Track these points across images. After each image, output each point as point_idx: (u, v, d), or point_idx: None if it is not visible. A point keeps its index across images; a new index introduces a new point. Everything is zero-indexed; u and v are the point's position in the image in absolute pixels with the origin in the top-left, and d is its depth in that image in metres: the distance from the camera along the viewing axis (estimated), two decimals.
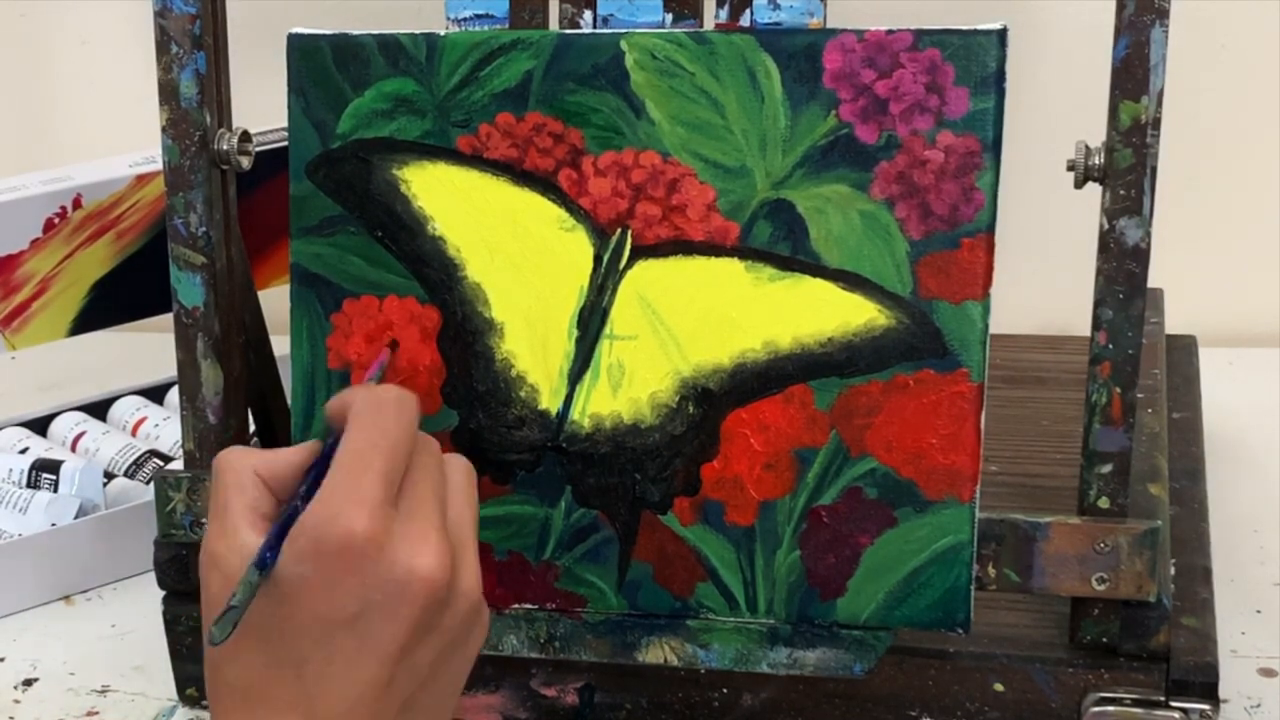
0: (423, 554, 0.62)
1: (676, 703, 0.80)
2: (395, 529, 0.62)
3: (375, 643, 0.62)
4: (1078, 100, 0.95)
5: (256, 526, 0.64)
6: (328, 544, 0.61)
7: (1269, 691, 0.84)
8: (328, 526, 0.61)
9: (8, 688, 0.90)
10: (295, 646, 0.62)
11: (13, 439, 1.08)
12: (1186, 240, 1.24)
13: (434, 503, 0.64)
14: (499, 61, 0.75)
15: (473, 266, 0.76)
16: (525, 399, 0.76)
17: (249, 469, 0.65)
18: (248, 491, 0.65)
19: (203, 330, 0.81)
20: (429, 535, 0.62)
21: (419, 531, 0.62)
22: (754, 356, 0.74)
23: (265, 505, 0.65)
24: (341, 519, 0.61)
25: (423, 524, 0.63)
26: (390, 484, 0.63)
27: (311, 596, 0.61)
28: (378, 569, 0.61)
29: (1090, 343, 0.73)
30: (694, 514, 0.75)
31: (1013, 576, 0.74)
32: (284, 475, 0.65)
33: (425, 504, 0.64)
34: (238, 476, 0.65)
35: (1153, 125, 0.71)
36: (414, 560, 0.62)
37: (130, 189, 1.00)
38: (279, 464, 0.65)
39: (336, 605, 0.61)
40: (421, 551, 0.62)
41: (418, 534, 0.62)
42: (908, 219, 0.72)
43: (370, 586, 0.61)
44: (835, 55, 0.72)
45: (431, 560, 0.62)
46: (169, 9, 0.79)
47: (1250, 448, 1.08)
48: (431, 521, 0.63)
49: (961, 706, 0.77)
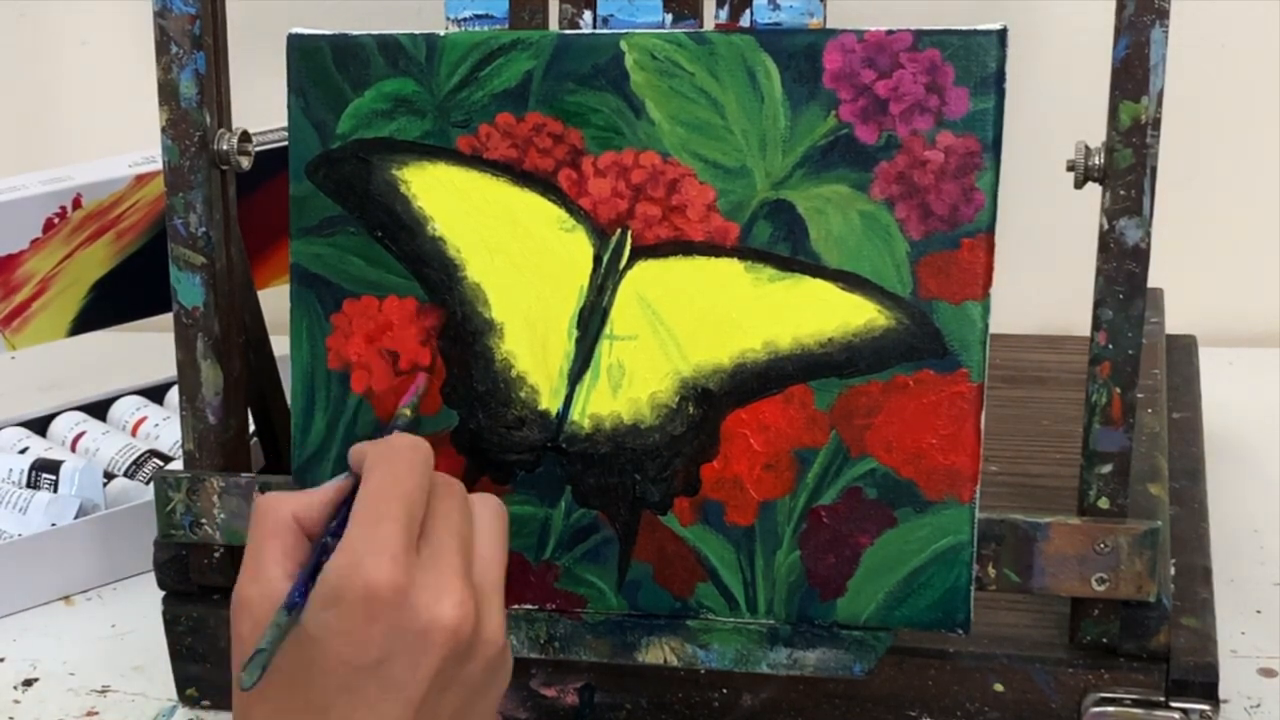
0: (445, 603, 0.63)
1: (676, 703, 0.80)
2: (417, 577, 0.63)
3: (398, 690, 0.62)
4: (1078, 100, 0.95)
5: (289, 572, 0.64)
6: (350, 592, 0.62)
7: (1269, 691, 0.84)
8: (350, 575, 0.62)
9: (8, 688, 0.90)
10: (320, 693, 0.63)
11: (13, 439, 1.08)
12: (1186, 240, 1.24)
13: (456, 547, 0.65)
14: (499, 62, 0.75)
15: (473, 267, 0.76)
16: (525, 399, 0.76)
17: (287, 514, 0.66)
18: (283, 537, 0.65)
19: (203, 330, 0.81)
20: (452, 584, 0.63)
21: (441, 580, 0.63)
22: (754, 357, 0.74)
23: (300, 552, 0.65)
24: (363, 568, 0.62)
25: (445, 572, 0.63)
26: (409, 531, 0.63)
27: (335, 643, 0.62)
28: (400, 617, 0.62)
29: (1090, 343, 0.73)
30: (694, 514, 0.75)
31: (1013, 577, 0.74)
32: (319, 517, 0.66)
33: (447, 549, 0.64)
34: (275, 523, 0.66)
35: (1153, 125, 0.71)
36: (435, 609, 0.62)
37: (130, 189, 1.00)
38: (314, 505, 0.66)
39: (359, 653, 0.62)
40: (443, 600, 0.63)
41: (440, 583, 0.63)
42: (908, 219, 0.72)
43: (393, 635, 0.62)
44: (835, 55, 0.72)
45: (454, 610, 0.63)
46: (169, 9, 0.79)
47: (1250, 448, 1.08)
48: (454, 568, 0.64)
49: (961, 706, 0.77)
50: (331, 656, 0.62)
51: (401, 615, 0.62)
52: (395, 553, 0.62)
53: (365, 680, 0.62)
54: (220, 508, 0.81)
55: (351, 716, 0.62)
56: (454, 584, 0.63)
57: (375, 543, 0.63)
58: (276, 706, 0.63)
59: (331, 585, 0.62)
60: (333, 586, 0.62)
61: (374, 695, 0.62)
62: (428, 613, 0.62)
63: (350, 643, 0.62)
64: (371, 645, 0.62)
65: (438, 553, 0.64)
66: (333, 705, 0.63)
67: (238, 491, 0.81)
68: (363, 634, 0.62)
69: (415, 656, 0.62)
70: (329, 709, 0.63)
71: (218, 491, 0.81)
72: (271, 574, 0.64)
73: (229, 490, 0.81)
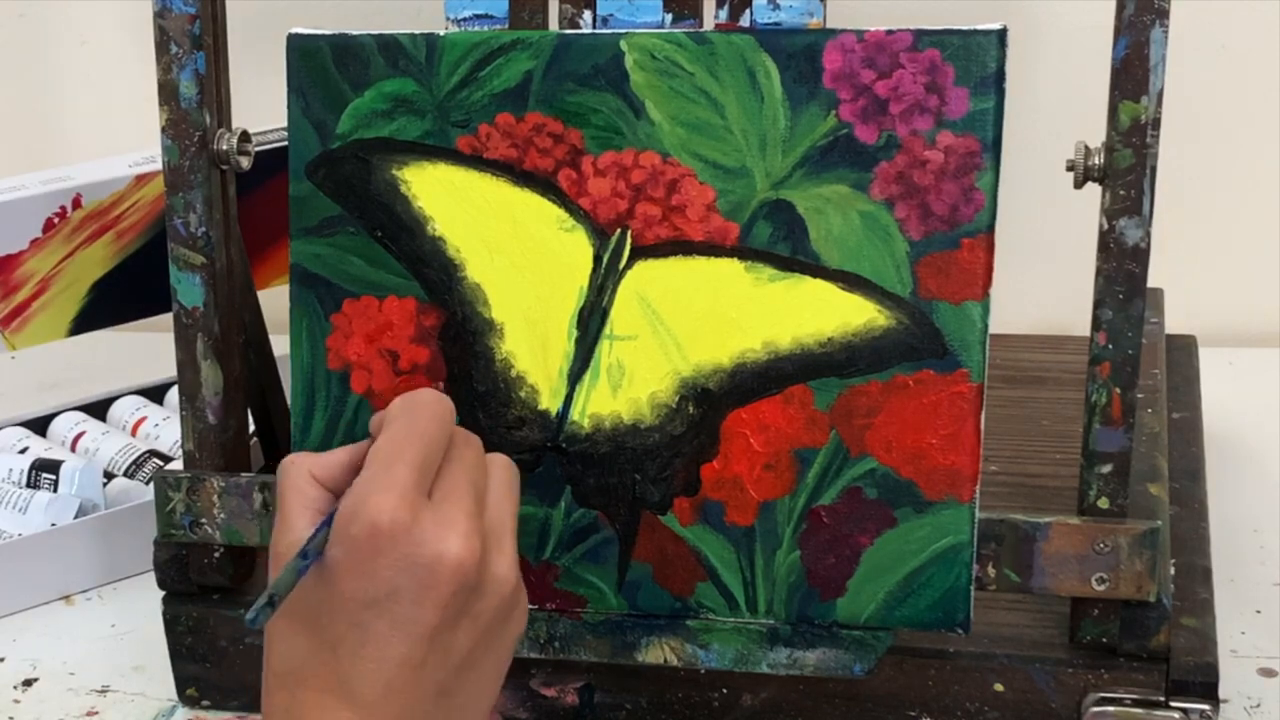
0: (450, 538, 0.64)
1: (676, 703, 0.80)
2: (424, 515, 0.64)
3: (405, 624, 0.64)
4: (1078, 100, 0.95)
5: (312, 522, 0.67)
6: (356, 528, 0.64)
7: (1269, 691, 0.84)
8: (357, 511, 0.64)
9: (8, 688, 0.90)
10: (332, 628, 0.64)
11: (13, 439, 1.08)
12: (1186, 240, 1.24)
13: (468, 491, 0.66)
14: (499, 62, 0.75)
15: (472, 267, 0.76)
16: (525, 399, 0.76)
17: (305, 470, 0.68)
18: (304, 491, 0.67)
19: (203, 330, 0.81)
20: (458, 521, 0.65)
21: (448, 517, 0.65)
22: (754, 357, 0.74)
23: (323, 503, 0.67)
24: (369, 504, 0.64)
25: (452, 510, 0.65)
26: (422, 473, 0.65)
27: (343, 579, 0.64)
28: (405, 552, 0.64)
29: (1090, 343, 0.73)
30: (694, 514, 0.75)
31: (1013, 577, 0.74)
32: (339, 475, 0.68)
33: (458, 492, 0.66)
34: (295, 479, 0.68)
35: (1153, 125, 0.71)
36: (441, 544, 0.64)
37: (130, 189, 1.00)
38: (333, 465, 0.68)
39: (366, 587, 0.64)
40: (448, 536, 0.64)
41: (446, 519, 0.65)
42: (908, 219, 0.72)
43: (398, 569, 0.64)
44: (835, 55, 0.72)
45: (460, 543, 0.64)
46: (169, 9, 0.79)
47: (1250, 448, 1.08)
48: (462, 508, 0.65)
49: (961, 706, 0.77)
50: (341, 592, 0.64)
51: (407, 549, 0.64)
52: (404, 490, 0.64)
53: (374, 615, 0.64)
54: (220, 508, 0.81)
55: (362, 652, 0.64)
56: (460, 521, 0.65)
57: (384, 481, 0.64)
58: (295, 644, 0.65)
59: (340, 523, 0.64)
60: (341, 523, 0.64)
61: (383, 630, 0.64)
62: (433, 547, 0.64)
63: (357, 577, 0.64)
64: (378, 579, 0.64)
65: (448, 495, 0.65)
66: (343, 640, 0.64)
67: (237, 491, 0.81)
68: (368, 568, 0.64)
69: (422, 590, 0.64)
70: (339, 643, 0.64)
71: (218, 491, 0.81)
72: (296, 524, 0.67)
73: (229, 490, 0.81)
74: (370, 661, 0.64)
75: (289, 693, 0.65)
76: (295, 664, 0.65)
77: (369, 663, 0.64)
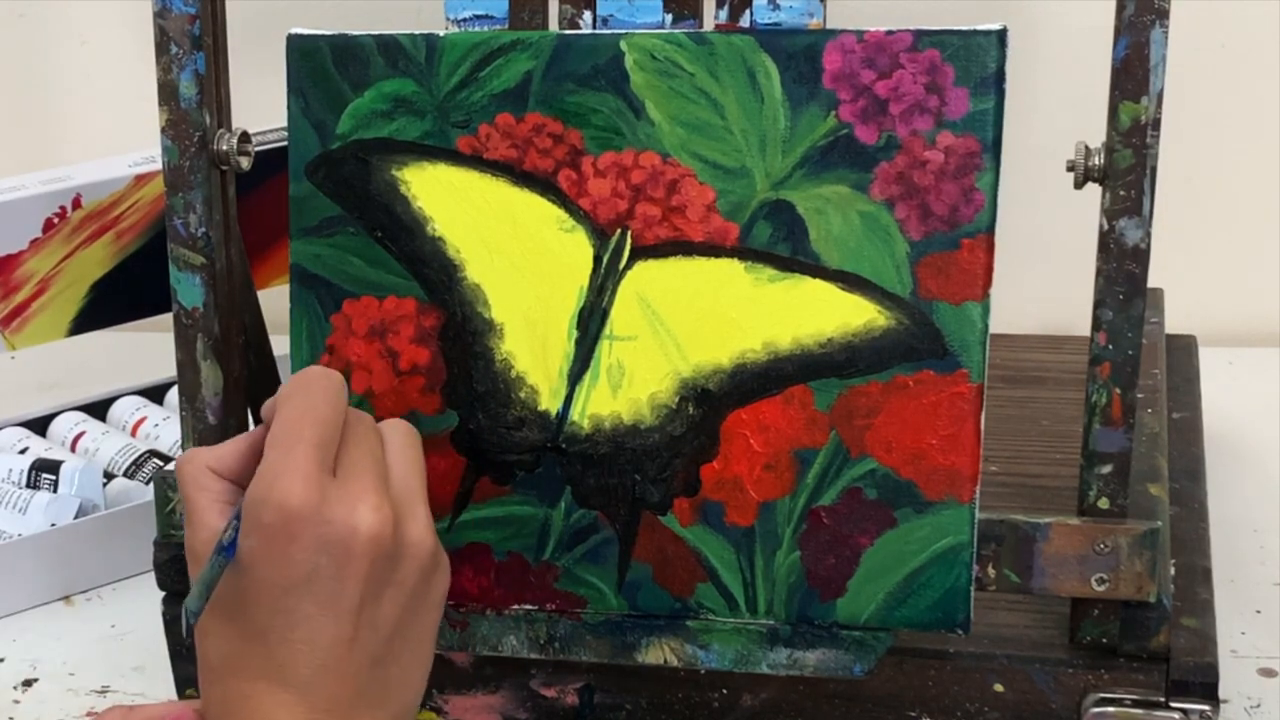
0: (360, 511, 0.65)
1: (676, 703, 0.80)
2: (332, 493, 0.65)
3: (330, 603, 0.64)
4: (1077, 100, 0.95)
5: (224, 515, 0.67)
6: (268, 515, 0.64)
7: (1269, 691, 0.84)
8: (265, 498, 0.64)
9: (8, 688, 0.90)
10: (255, 617, 0.65)
11: (13, 439, 1.08)
12: (1186, 240, 1.24)
13: (370, 465, 0.67)
14: (498, 62, 0.75)
15: (472, 267, 0.76)
16: (525, 400, 0.76)
17: (202, 465, 0.68)
18: (207, 486, 0.68)
19: (202, 330, 0.81)
20: (365, 493, 0.65)
21: (355, 491, 0.65)
22: (754, 357, 0.74)
23: (228, 494, 0.68)
24: (276, 490, 0.64)
25: (358, 484, 0.66)
26: (324, 451, 0.66)
27: (262, 566, 0.65)
28: (318, 532, 0.64)
29: (1090, 343, 0.73)
30: (694, 515, 0.75)
31: (1013, 577, 0.74)
32: (238, 465, 0.68)
33: (361, 465, 0.66)
34: (194, 475, 0.68)
35: (1153, 125, 0.71)
36: (352, 518, 0.65)
37: (130, 189, 1.00)
38: (229, 455, 0.69)
39: (285, 572, 0.64)
40: (358, 509, 0.65)
41: (354, 494, 0.65)
42: (908, 220, 0.72)
43: (314, 550, 0.64)
44: (835, 56, 0.72)
45: (371, 515, 0.65)
46: (168, 9, 0.79)
47: (1250, 448, 1.08)
48: (367, 480, 0.66)
49: (961, 707, 0.77)
50: (261, 579, 0.64)
51: (320, 529, 0.64)
52: (308, 472, 0.64)
53: (297, 599, 0.64)
54: None
55: (291, 636, 0.64)
56: (369, 493, 0.65)
57: (287, 465, 0.65)
58: (223, 635, 0.66)
59: (250, 511, 0.65)
60: (251, 512, 0.65)
61: (309, 611, 0.64)
62: (346, 523, 0.64)
63: (275, 563, 0.64)
64: (295, 564, 0.64)
65: (352, 469, 0.66)
66: (271, 627, 0.64)
67: None
68: (284, 554, 0.64)
69: (340, 567, 0.64)
70: (268, 630, 0.64)
71: None
72: (207, 519, 0.67)
73: None
74: (301, 644, 0.64)
75: (225, 684, 0.65)
76: (228, 656, 0.66)
77: (300, 644, 0.64)
